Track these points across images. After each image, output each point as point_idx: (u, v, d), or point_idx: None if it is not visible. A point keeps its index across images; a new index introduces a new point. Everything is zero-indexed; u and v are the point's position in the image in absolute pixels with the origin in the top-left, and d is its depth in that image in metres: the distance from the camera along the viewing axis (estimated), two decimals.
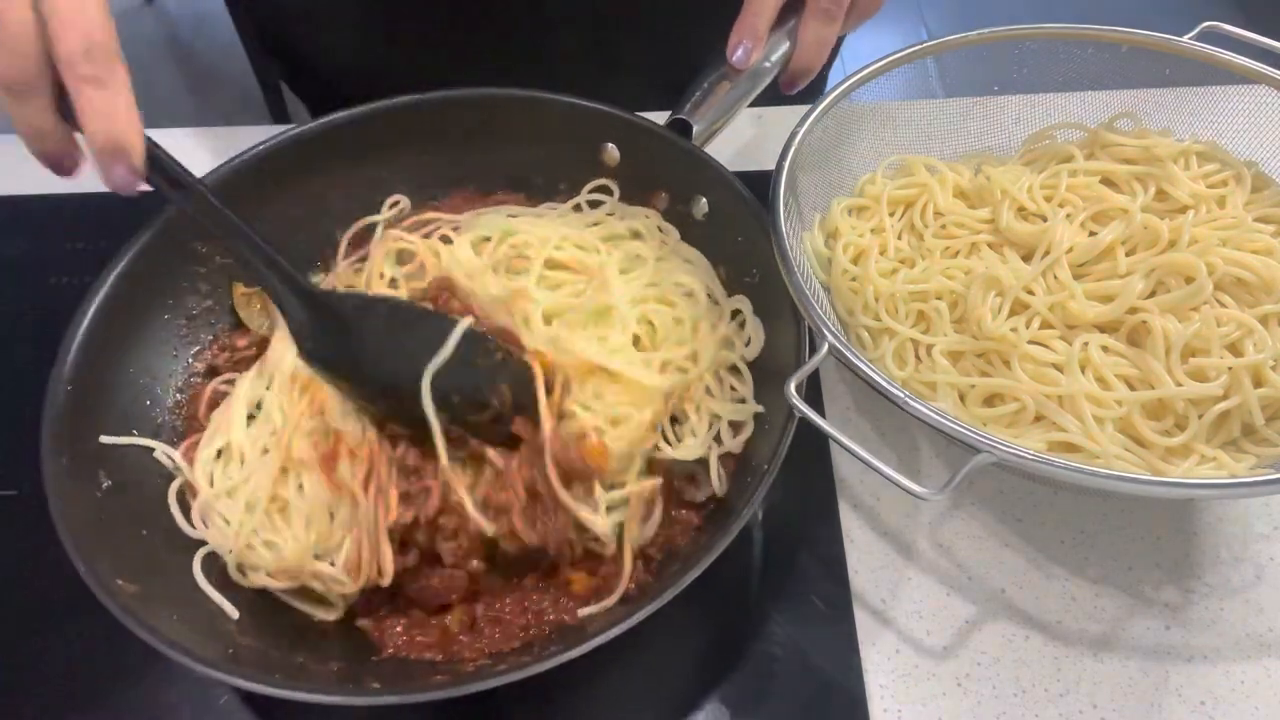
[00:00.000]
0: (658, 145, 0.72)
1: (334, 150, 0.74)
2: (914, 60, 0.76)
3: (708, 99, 0.71)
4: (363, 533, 0.58)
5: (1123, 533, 0.66)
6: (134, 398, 0.65)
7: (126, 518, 0.59)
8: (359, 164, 0.75)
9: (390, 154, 0.76)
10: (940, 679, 0.60)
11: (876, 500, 0.68)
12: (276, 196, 0.72)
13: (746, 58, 0.70)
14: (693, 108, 0.71)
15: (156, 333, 0.68)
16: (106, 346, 0.64)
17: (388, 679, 0.55)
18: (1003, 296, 0.65)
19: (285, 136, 0.72)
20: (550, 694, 0.60)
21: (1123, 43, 0.75)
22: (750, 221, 0.67)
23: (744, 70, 0.70)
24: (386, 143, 0.75)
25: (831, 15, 0.69)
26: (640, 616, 0.51)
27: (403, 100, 0.75)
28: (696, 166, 0.71)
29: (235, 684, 0.49)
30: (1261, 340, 0.60)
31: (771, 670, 0.61)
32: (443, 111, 0.75)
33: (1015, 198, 0.70)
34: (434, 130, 0.76)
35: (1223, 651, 0.62)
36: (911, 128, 0.80)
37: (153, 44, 2.72)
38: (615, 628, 0.50)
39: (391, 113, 0.75)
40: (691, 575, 0.52)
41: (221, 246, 0.69)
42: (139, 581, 0.54)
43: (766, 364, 0.66)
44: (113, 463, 0.61)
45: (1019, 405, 0.62)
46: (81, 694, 0.60)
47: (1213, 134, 0.73)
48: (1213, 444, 0.60)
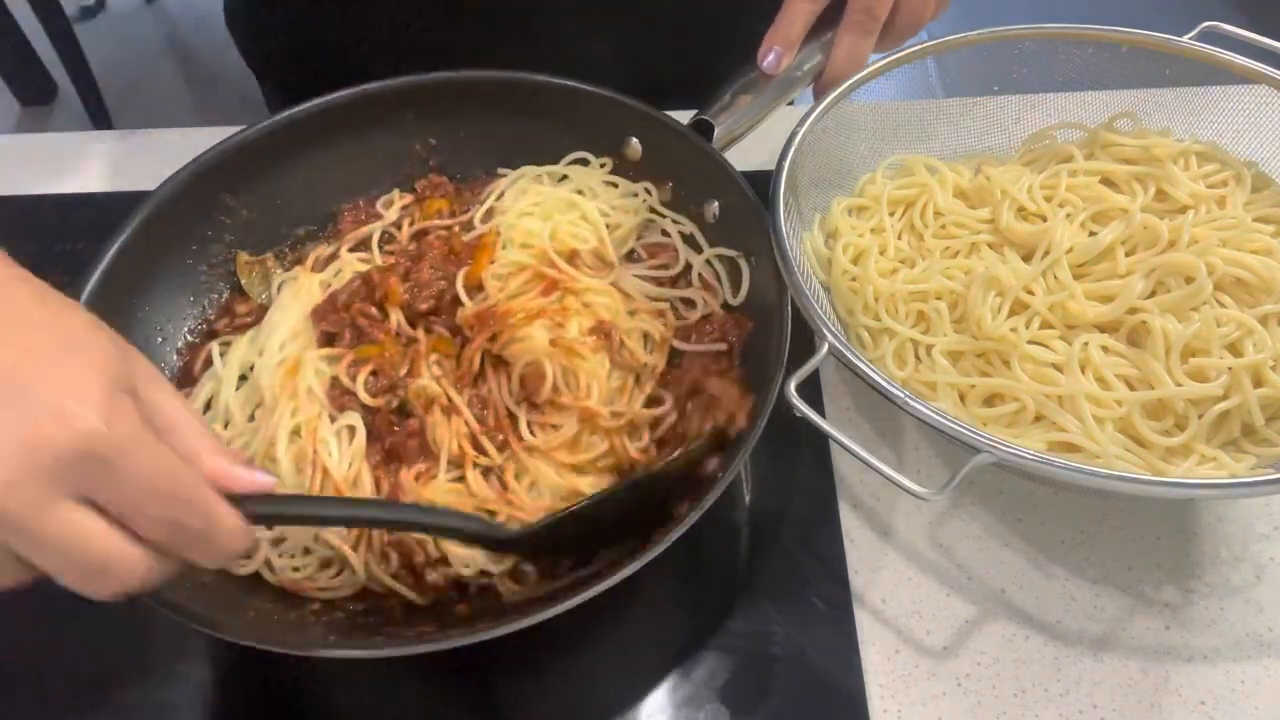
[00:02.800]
0: (678, 144, 0.72)
1: (359, 119, 0.76)
2: (914, 60, 0.76)
3: (734, 103, 0.72)
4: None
5: (1123, 533, 0.66)
6: (142, 344, 0.66)
7: None
8: (393, 133, 0.77)
9: (415, 129, 0.78)
10: (940, 679, 0.60)
11: (876, 500, 0.68)
12: (311, 158, 0.75)
13: (777, 63, 0.70)
14: (718, 110, 0.72)
15: (177, 275, 0.70)
16: (124, 284, 0.65)
17: (345, 631, 0.56)
18: (1003, 296, 0.65)
19: (334, 99, 0.74)
20: (544, 691, 0.60)
21: (1123, 43, 0.75)
22: (757, 230, 0.67)
23: (773, 77, 0.71)
24: (417, 116, 0.77)
25: (867, 29, 0.70)
26: (622, 575, 0.51)
27: (436, 76, 0.76)
28: (713, 169, 0.71)
29: (181, 620, 0.49)
30: (1261, 340, 0.60)
31: (771, 670, 0.61)
32: (474, 90, 0.77)
33: (1015, 198, 0.71)
34: (465, 109, 0.77)
35: (1223, 651, 0.62)
36: (911, 128, 0.80)
37: (153, 44, 2.72)
38: (588, 589, 0.51)
39: (423, 88, 0.76)
40: (674, 535, 0.52)
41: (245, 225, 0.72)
42: None
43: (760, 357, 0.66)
44: None
45: (1019, 405, 0.62)
46: (82, 694, 0.60)
47: (1213, 134, 0.73)
48: (1213, 444, 0.60)
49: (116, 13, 2.84)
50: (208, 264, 0.72)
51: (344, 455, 0.62)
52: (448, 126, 0.78)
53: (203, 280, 0.72)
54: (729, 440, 0.59)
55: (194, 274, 0.71)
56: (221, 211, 0.72)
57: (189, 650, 0.61)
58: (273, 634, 0.54)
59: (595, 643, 0.63)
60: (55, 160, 0.87)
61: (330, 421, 0.63)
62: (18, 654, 0.62)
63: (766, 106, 0.73)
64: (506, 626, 0.50)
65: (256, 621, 0.56)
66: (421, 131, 0.78)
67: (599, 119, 0.76)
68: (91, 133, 0.96)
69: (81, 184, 0.88)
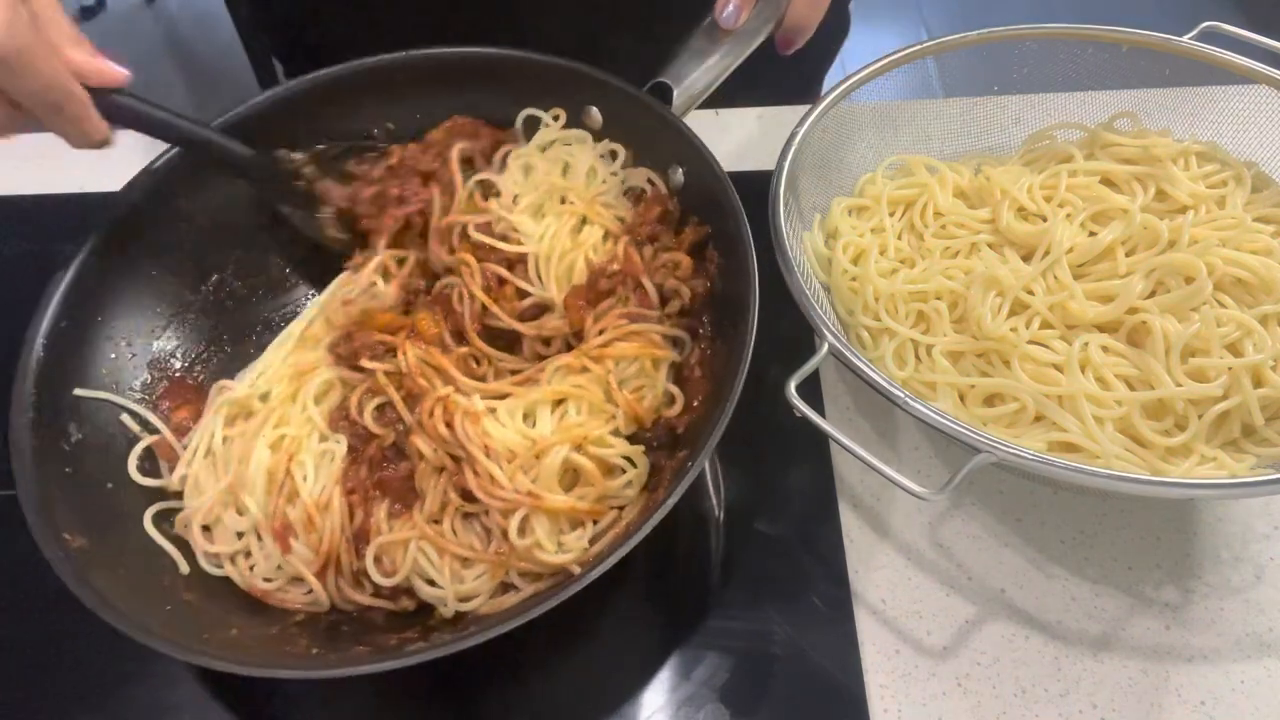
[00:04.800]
0: (635, 110, 0.70)
1: (314, 109, 0.75)
2: (914, 60, 0.76)
3: (691, 61, 0.69)
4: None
5: (1123, 533, 0.66)
6: (110, 358, 0.66)
7: (94, 471, 0.60)
8: (351, 120, 0.76)
9: (372, 107, 0.76)
10: (940, 679, 0.60)
11: (876, 500, 0.68)
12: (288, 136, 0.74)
13: (736, 17, 0.67)
14: (675, 71, 0.69)
15: (141, 287, 0.69)
16: (91, 299, 0.64)
17: (327, 643, 0.56)
18: (1003, 296, 0.65)
19: (303, 81, 0.73)
20: (543, 690, 0.60)
21: (1123, 43, 0.75)
22: (723, 197, 0.65)
23: (731, 31, 0.67)
24: (370, 95, 0.76)
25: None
26: (612, 560, 0.51)
27: (387, 58, 0.74)
28: (672, 135, 0.68)
29: (152, 645, 0.50)
30: (1261, 340, 0.60)
31: (771, 670, 0.61)
32: (427, 69, 0.75)
33: (1015, 198, 0.71)
34: (420, 89, 0.76)
35: (1223, 651, 0.62)
36: (911, 128, 0.80)
37: (153, 44, 2.72)
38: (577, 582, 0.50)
39: (377, 70, 0.75)
40: (659, 515, 0.52)
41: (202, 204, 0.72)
42: (90, 536, 0.55)
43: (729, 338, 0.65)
44: (85, 417, 0.62)
45: (1019, 405, 0.62)
46: (82, 694, 0.60)
47: (1213, 134, 0.73)
48: (1213, 444, 0.60)
49: (116, 13, 2.84)
50: (172, 273, 0.70)
51: (318, 480, 0.61)
52: (405, 109, 0.76)
53: (167, 290, 0.70)
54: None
55: (158, 284, 0.70)
56: (179, 218, 0.71)
57: None
58: (253, 654, 0.54)
59: (595, 643, 0.63)
60: (55, 160, 0.87)
61: (319, 441, 0.63)
62: (18, 654, 0.62)
63: (726, 62, 0.69)
64: (497, 629, 0.49)
65: (238, 640, 0.56)
66: (379, 116, 0.76)
67: (556, 89, 0.74)
68: None
69: (81, 184, 0.88)
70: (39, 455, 0.57)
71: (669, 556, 0.66)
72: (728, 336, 0.63)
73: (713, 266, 0.67)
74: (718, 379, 0.62)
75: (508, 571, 0.58)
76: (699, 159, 0.67)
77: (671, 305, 0.67)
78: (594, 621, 0.63)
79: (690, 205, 0.70)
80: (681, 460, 0.58)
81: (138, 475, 0.62)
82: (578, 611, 0.51)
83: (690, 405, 0.64)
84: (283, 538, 0.59)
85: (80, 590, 0.51)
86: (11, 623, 0.64)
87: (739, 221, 0.62)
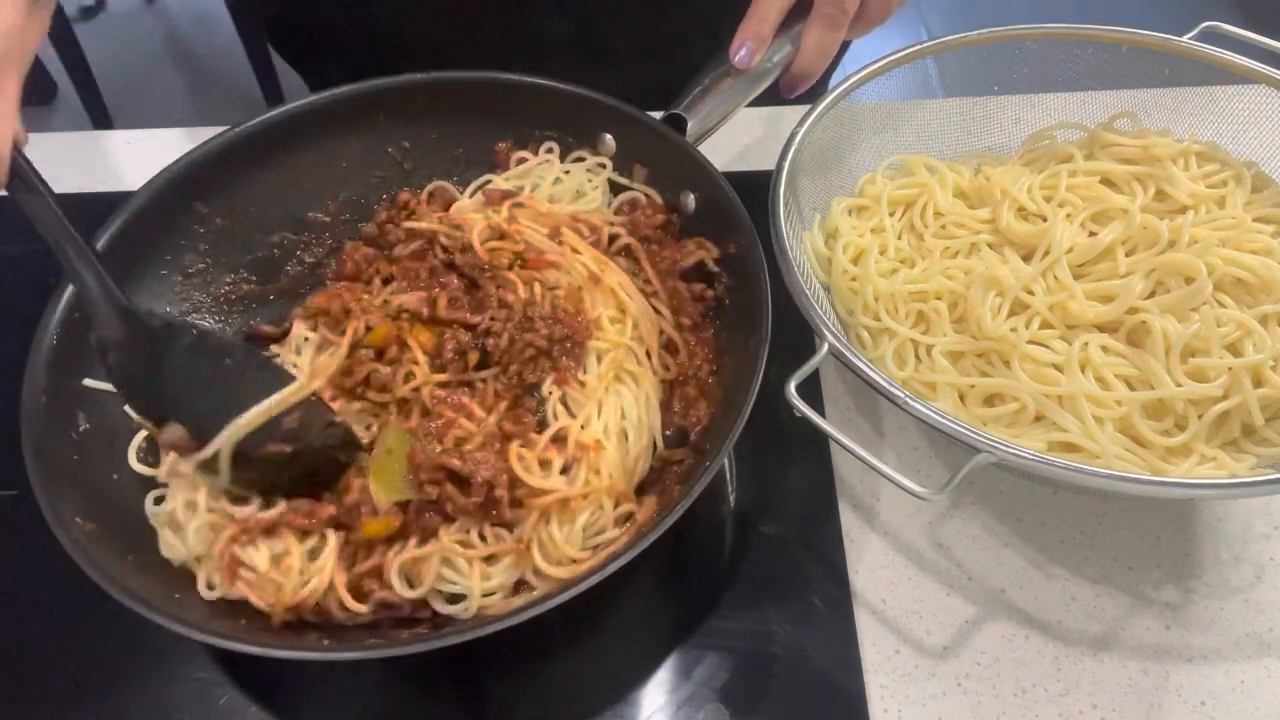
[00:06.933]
0: (652, 139, 0.72)
1: (329, 124, 0.75)
2: (914, 60, 0.76)
3: (706, 96, 0.72)
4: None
5: (1123, 533, 0.66)
6: None
7: (100, 460, 0.61)
8: (365, 137, 0.77)
9: (387, 132, 0.77)
10: (940, 679, 0.60)
11: (876, 500, 0.68)
12: (282, 163, 0.74)
13: (749, 59, 0.70)
14: (690, 104, 0.71)
15: (151, 286, 0.69)
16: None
17: (334, 633, 0.57)
18: (1003, 296, 0.65)
19: (304, 103, 0.74)
20: (542, 690, 0.60)
21: (1123, 43, 0.75)
22: (736, 222, 0.66)
23: (745, 71, 0.71)
24: (388, 118, 0.77)
25: (836, 22, 0.70)
26: (609, 570, 0.51)
27: (405, 79, 0.75)
28: (687, 163, 0.71)
29: (171, 627, 0.50)
30: (1261, 340, 0.60)
31: (771, 670, 0.61)
32: (446, 91, 0.76)
33: (1015, 198, 0.71)
34: (436, 110, 0.77)
35: (1223, 651, 0.62)
36: (911, 128, 0.80)
37: (153, 44, 2.72)
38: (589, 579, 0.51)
39: (392, 90, 0.75)
40: (669, 520, 0.52)
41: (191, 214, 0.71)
42: (98, 521, 0.56)
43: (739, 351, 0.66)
44: (93, 406, 0.62)
45: (1019, 405, 0.62)
46: (82, 694, 0.60)
47: (1213, 134, 0.73)
48: (1213, 444, 0.60)
49: (116, 13, 2.84)
50: (182, 274, 0.71)
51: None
52: (420, 128, 0.77)
53: (177, 290, 0.71)
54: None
55: (168, 284, 0.70)
56: (194, 220, 0.71)
57: (189, 650, 0.61)
58: (268, 638, 0.55)
59: (595, 643, 0.63)
60: (55, 160, 0.87)
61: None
62: (19, 654, 0.62)
63: (738, 99, 0.73)
64: (507, 621, 0.50)
65: (246, 630, 0.56)
66: (394, 134, 0.77)
67: (572, 117, 0.76)
68: (91, 133, 0.96)
69: (81, 184, 0.88)
70: (50, 441, 0.58)
71: (670, 556, 0.66)
72: (738, 350, 0.64)
73: (721, 285, 0.69)
74: (727, 389, 0.64)
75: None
76: (712, 184, 0.69)
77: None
78: (594, 621, 0.63)
79: (702, 229, 0.71)
80: (689, 467, 0.59)
81: (137, 464, 0.63)
82: (579, 611, 0.51)
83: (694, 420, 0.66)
84: (230, 570, 0.58)
85: (93, 572, 0.52)
86: (11, 622, 0.64)
87: (752, 242, 0.64)
